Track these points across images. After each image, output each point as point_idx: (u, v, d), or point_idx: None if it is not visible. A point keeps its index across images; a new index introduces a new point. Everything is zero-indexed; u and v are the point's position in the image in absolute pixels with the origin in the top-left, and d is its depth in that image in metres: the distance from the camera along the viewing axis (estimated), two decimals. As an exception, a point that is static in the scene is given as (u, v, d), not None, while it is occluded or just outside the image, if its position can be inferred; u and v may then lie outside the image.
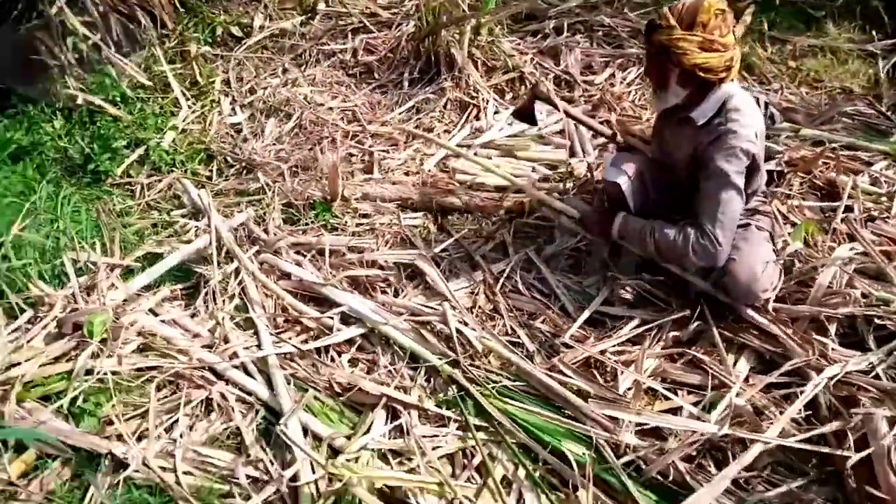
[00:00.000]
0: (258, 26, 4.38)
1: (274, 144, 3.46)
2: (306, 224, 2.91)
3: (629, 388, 2.19)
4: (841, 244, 2.53)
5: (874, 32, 4.07)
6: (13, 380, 2.09)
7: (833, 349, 2.15)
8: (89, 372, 2.14)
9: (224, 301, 2.54)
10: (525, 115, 2.93)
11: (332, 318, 2.45)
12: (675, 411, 2.14)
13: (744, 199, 2.18)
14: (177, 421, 2.09)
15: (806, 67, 3.85)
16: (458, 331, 2.33)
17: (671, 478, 1.92)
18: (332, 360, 2.37)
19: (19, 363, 2.16)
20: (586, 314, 2.44)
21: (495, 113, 3.55)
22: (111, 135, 3.48)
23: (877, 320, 2.20)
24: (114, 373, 2.14)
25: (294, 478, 1.95)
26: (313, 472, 1.96)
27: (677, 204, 2.46)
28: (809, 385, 1.98)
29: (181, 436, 2.05)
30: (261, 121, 3.66)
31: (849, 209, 2.69)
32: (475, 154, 3.24)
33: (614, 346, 2.32)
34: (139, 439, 2.01)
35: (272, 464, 2.03)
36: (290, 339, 2.39)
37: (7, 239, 2.43)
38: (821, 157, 2.89)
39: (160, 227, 2.99)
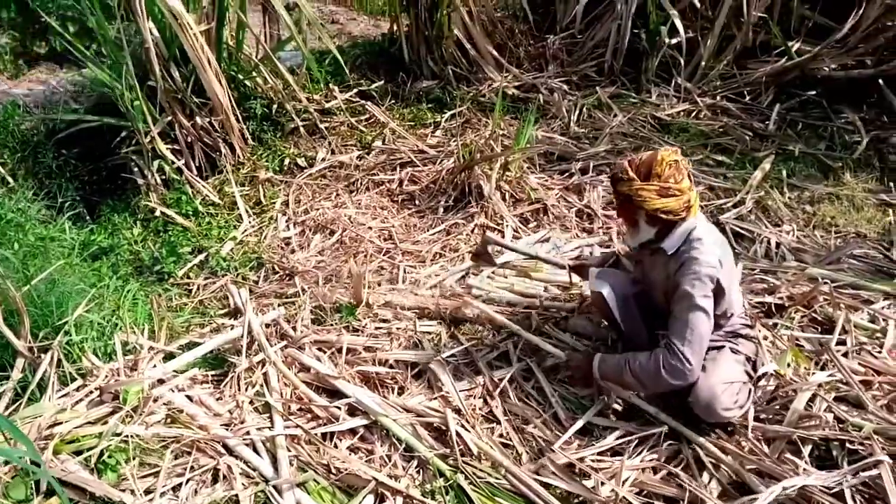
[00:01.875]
0: (320, 158, 4.97)
1: (316, 256, 3.87)
2: (331, 324, 3.21)
3: (608, 496, 2.28)
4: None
5: (891, 183, 4.26)
6: (54, 435, 2.39)
7: (804, 469, 2.20)
8: (117, 434, 2.42)
9: (247, 387, 2.82)
10: (482, 258, 3.32)
11: (339, 407, 2.68)
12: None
13: (712, 320, 2.34)
14: (183, 483, 2.31)
15: (822, 213, 4.04)
16: (456, 432, 2.51)
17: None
18: (335, 445, 2.57)
19: (62, 422, 2.47)
20: (579, 424, 2.57)
21: (514, 238, 3.87)
22: (179, 242, 4.01)
23: (849, 444, 2.25)
24: (137, 436, 2.41)
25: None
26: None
27: (657, 319, 2.64)
28: (765, 492, 2.04)
29: (186, 497, 2.27)
30: (308, 236, 4.10)
31: (842, 342, 2.80)
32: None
33: (594, 454, 2.44)
34: (147, 493, 2.24)
35: (262, 532, 2.20)
36: (299, 423, 2.62)
37: (71, 318, 2.82)
38: (815, 292, 3.02)
39: (206, 321, 3.36)
